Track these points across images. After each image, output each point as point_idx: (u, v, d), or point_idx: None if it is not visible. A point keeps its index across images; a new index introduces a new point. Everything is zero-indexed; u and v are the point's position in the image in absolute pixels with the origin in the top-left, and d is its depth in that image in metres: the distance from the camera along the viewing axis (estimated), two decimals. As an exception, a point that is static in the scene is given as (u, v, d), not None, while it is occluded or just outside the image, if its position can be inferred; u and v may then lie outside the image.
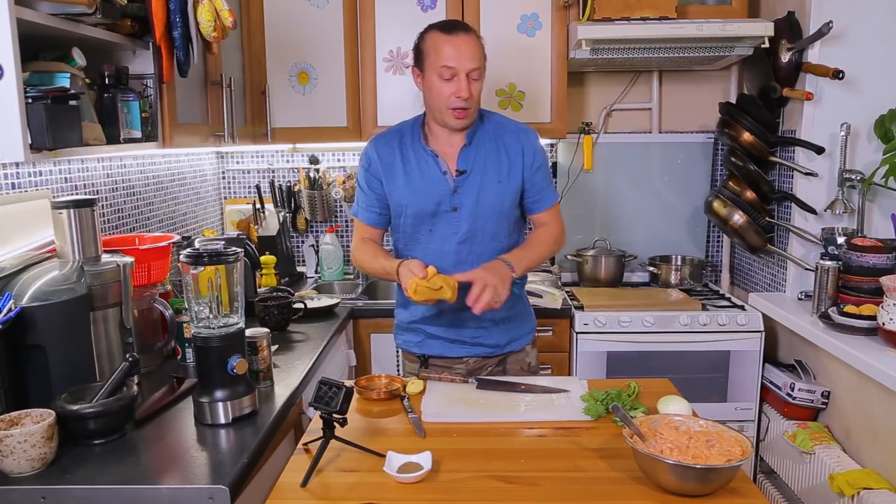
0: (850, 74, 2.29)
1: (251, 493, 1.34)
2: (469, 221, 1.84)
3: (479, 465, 1.31)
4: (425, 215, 1.85)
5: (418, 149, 1.86)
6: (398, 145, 1.88)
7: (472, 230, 1.84)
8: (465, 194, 1.83)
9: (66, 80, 1.54)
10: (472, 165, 1.83)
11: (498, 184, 1.83)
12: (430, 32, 1.80)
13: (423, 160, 1.85)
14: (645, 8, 2.51)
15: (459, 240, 1.85)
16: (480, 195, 1.83)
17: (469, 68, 1.74)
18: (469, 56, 1.75)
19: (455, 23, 1.81)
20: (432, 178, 1.84)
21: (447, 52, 1.74)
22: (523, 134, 1.89)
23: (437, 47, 1.76)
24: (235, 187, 3.23)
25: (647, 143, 3.07)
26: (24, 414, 1.33)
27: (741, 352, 2.51)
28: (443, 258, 1.84)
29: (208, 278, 1.43)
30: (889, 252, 2.16)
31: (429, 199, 1.84)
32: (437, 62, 1.75)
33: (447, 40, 1.75)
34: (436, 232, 1.86)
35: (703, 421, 1.31)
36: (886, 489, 1.82)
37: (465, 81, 1.74)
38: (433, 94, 1.79)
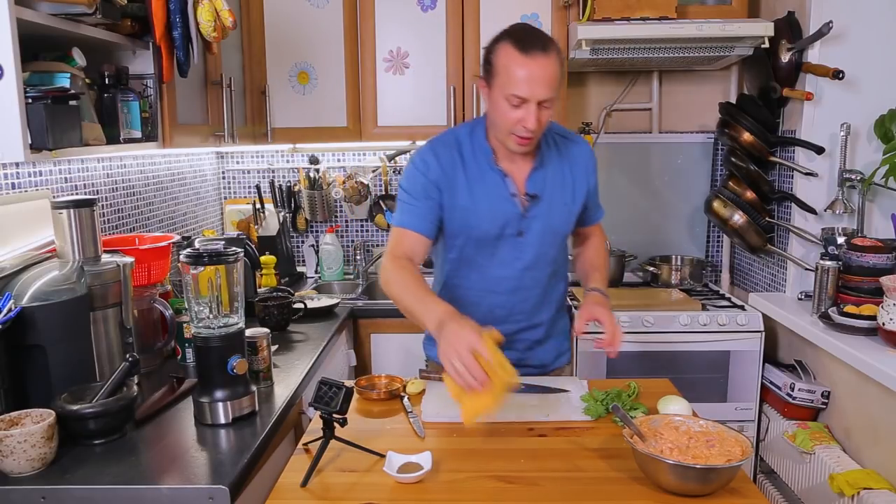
0: (850, 74, 2.29)
1: (251, 493, 1.34)
2: (535, 247, 1.71)
3: (479, 465, 1.30)
4: (489, 238, 1.69)
5: (483, 165, 1.67)
6: (459, 157, 1.68)
7: (537, 256, 1.72)
8: (534, 218, 1.68)
9: (66, 80, 1.55)
10: (541, 188, 1.68)
11: (564, 206, 1.72)
12: (503, 45, 1.55)
13: (490, 178, 1.67)
14: (645, 8, 2.51)
15: (524, 266, 1.72)
16: (549, 220, 1.70)
17: (542, 98, 1.52)
18: (544, 83, 1.51)
19: (533, 37, 1.54)
20: (500, 199, 1.67)
21: (519, 77, 1.51)
22: (583, 146, 1.77)
23: (508, 69, 1.53)
24: (235, 187, 3.23)
25: (647, 144, 3.07)
26: (24, 414, 1.33)
27: (741, 352, 2.51)
28: (501, 284, 1.73)
29: (208, 278, 1.43)
30: (889, 252, 2.16)
31: (495, 221, 1.67)
32: (506, 86, 1.53)
33: (521, 63, 1.51)
34: (497, 256, 1.71)
35: (703, 421, 1.31)
36: (886, 489, 1.82)
37: (534, 111, 1.53)
38: (498, 116, 1.59)
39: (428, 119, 2.78)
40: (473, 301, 1.76)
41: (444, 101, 2.77)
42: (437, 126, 2.78)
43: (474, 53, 2.74)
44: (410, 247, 1.65)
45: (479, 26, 2.72)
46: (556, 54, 1.54)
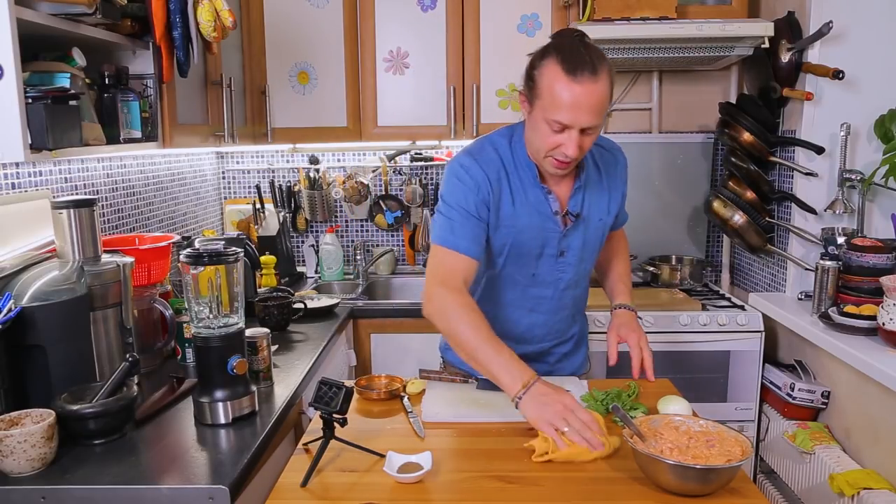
0: (850, 74, 2.29)
1: (251, 493, 1.34)
2: (575, 266, 1.65)
3: (479, 465, 1.30)
4: (530, 258, 1.62)
5: (526, 181, 1.58)
6: (504, 173, 1.57)
7: (577, 273, 1.67)
8: (573, 237, 1.62)
9: (66, 80, 1.55)
10: (582, 207, 1.61)
11: (600, 221, 1.66)
12: (549, 63, 1.42)
13: (534, 196, 1.58)
14: (645, 8, 2.51)
15: (565, 286, 1.67)
16: (586, 237, 1.64)
17: (586, 125, 1.42)
18: (590, 110, 1.40)
19: (583, 57, 1.40)
20: (543, 217, 1.58)
21: (564, 102, 1.39)
22: (618, 157, 1.70)
23: (552, 91, 1.41)
24: (235, 187, 3.23)
25: (647, 143, 3.06)
26: (24, 414, 1.33)
27: (741, 352, 2.51)
28: (542, 304, 1.68)
29: (208, 278, 1.43)
30: (889, 252, 2.16)
31: (536, 240, 1.60)
32: (549, 110, 1.42)
33: (567, 86, 1.39)
34: (539, 276, 1.64)
35: (703, 421, 1.31)
36: (886, 489, 1.82)
37: (575, 138, 1.43)
38: (536, 138, 1.49)
39: (428, 119, 2.78)
40: (511, 318, 1.70)
41: (444, 101, 2.77)
42: (437, 126, 2.78)
43: (474, 53, 2.74)
44: (465, 273, 1.52)
45: (479, 26, 2.72)
46: (606, 76, 1.41)
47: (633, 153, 3.03)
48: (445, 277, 1.51)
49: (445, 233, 1.54)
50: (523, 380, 1.36)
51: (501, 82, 2.75)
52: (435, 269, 1.54)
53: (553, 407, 1.32)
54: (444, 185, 1.59)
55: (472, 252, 1.53)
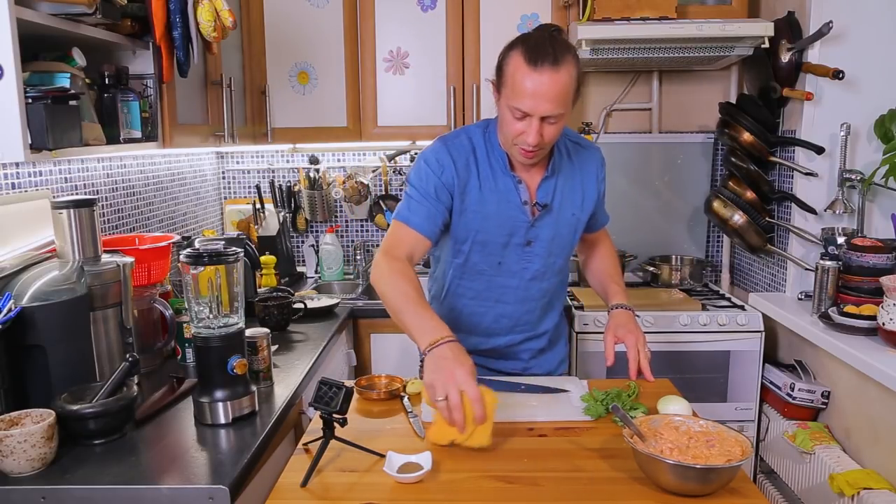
0: (850, 74, 2.29)
1: (251, 493, 1.34)
2: (543, 257, 1.68)
3: (479, 465, 1.30)
4: (496, 246, 1.65)
5: (497, 170, 1.62)
6: (474, 160, 1.62)
7: (545, 266, 1.69)
8: (542, 228, 1.65)
9: (66, 80, 1.55)
10: (551, 197, 1.64)
11: (573, 216, 1.69)
12: (514, 52, 1.49)
13: (503, 184, 1.62)
14: (645, 8, 2.51)
15: (531, 276, 1.69)
16: (557, 229, 1.67)
17: (545, 114, 1.46)
18: (549, 99, 1.44)
19: (546, 48, 1.44)
20: (511, 206, 1.62)
21: (524, 90, 1.44)
22: (595, 154, 1.73)
23: (514, 79, 1.46)
24: (235, 187, 3.23)
25: (647, 143, 3.06)
26: (24, 414, 1.33)
27: (741, 352, 2.51)
28: (508, 294, 1.70)
29: (208, 278, 1.43)
30: (889, 252, 2.16)
31: (503, 229, 1.63)
32: (511, 97, 1.47)
33: (527, 75, 1.44)
34: (505, 266, 1.67)
35: (703, 421, 1.31)
36: (886, 489, 1.82)
37: (536, 126, 1.47)
38: (503, 125, 1.55)
39: (428, 119, 2.78)
40: (478, 311, 1.74)
41: (444, 101, 2.77)
42: (437, 126, 2.78)
43: (474, 53, 2.74)
44: (411, 246, 1.57)
45: (479, 26, 2.72)
46: (568, 67, 1.45)
47: (633, 153, 3.06)
48: (390, 248, 1.57)
49: (402, 209, 1.62)
50: (433, 337, 1.34)
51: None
52: (385, 240, 1.61)
53: (443, 374, 1.28)
54: (413, 168, 1.66)
55: (422, 229, 1.58)
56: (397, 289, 1.47)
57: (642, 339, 1.60)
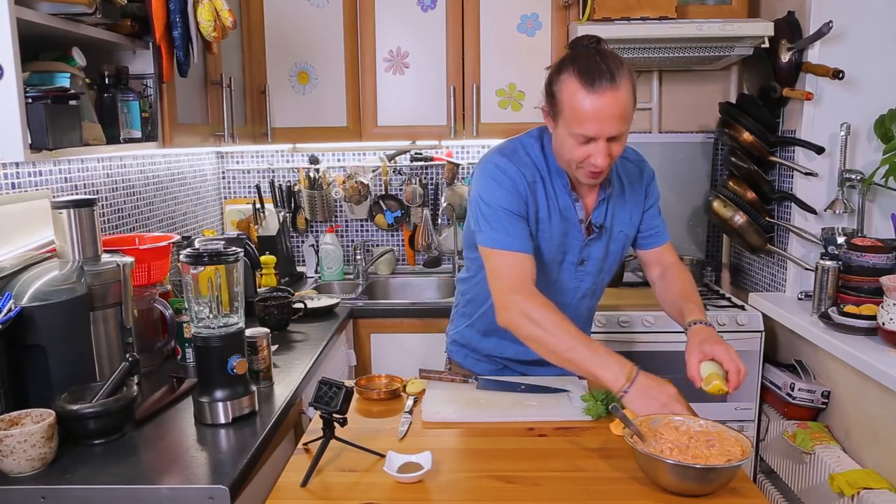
0: (850, 74, 2.29)
1: (251, 493, 1.34)
2: (594, 276, 1.65)
3: (479, 465, 1.30)
4: (553, 264, 1.60)
5: (559, 188, 1.57)
6: (538, 175, 1.56)
7: (594, 284, 1.67)
8: (594, 247, 1.62)
9: (66, 80, 1.55)
10: (606, 219, 1.61)
11: (620, 233, 1.64)
12: (567, 78, 1.41)
13: (564, 202, 1.57)
14: (645, 8, 2.51)
15: (582, 294, 1.66)
16: (608, 248, 1.63)
17: (612, 134, 1.41)
18: (614, 119, 1.39)
19: (599, 68, 1.38)
20: (570, 224, 1.58)
21: (587, 115, 1.38)
22: (645, 168, 1.70)
23: (573, 105, 1.40)
24: (235, 187, 3.23)
25: (647, 143, 3.06)
26: (24, 414, 1.33)
27: (741, 352, 2.45)
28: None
29: (208, 278, 1.43)
30: (889, 252, 2.16)
31: (559, 247, 1.59)
32: (573, 125, 1.41)
33: (588, 99, 1.38)
34: (559, 284, 1.63)
35: (703, 421, 1.31)
36: (886, 489, 1.82)
37: (603, 148, 1.42)
38: (564, 151, 1.48)
39: (428, 119, 2.78)
40: None
41: (444, 101, 2.77)
42: (437, 126, 2.78)
43: (474, 53, 2.74)
44: (531, 273, 1.50)
45: (478, 26, 2.72)
46: (626, 81, 1.39)
47: (633, 153, 3.06)
48: (516, 282, 1.48)
49: (499, 235, 1.50)
50: (626, 373, 1.37)
51: (501, 82, 2.75)
52: (501, 274, 1.50)
53: (659, 400, 1.35)
54: (481, 187, 1.54)
55: (530, 250, 1.51)
56: (559, 328, 1.42)
57: (733, 350, 1.45)
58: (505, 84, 2.75)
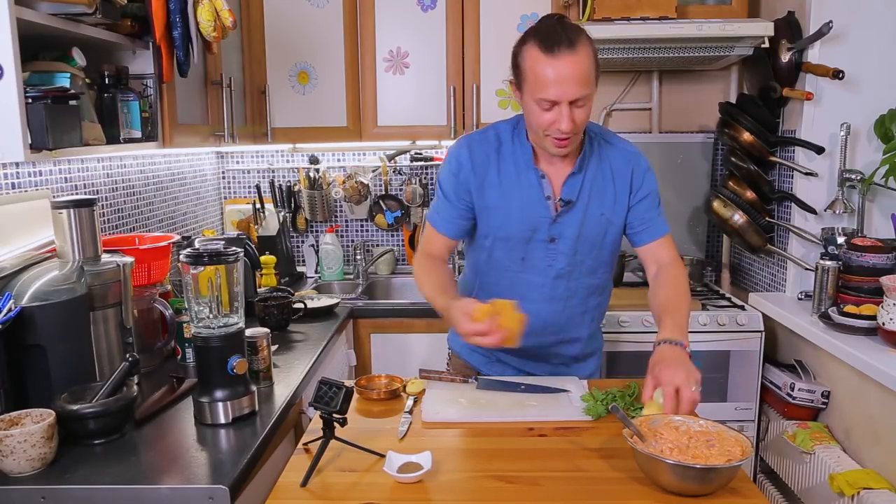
0: (850, 74, 2.29)
1: (251, 493, 1.34)
2: (568, 256, 1.65)
3: (479, 465, 1.30)
4: (518, 241, 1.64)
5: (521, 164, 1.62)
6: (496, 154, 1.63)
7: (571, 265, 1.66)
8: (566, 225, 1.63)
9: (66, 80, 1.55)
10: (577, 195, 1.61)
11: (601, 216, 1.64)
12: (528, 46, 1.49)
13: (526, 179, 1.62)
14: (645, 8, 2.51)
15: (556, 274, 1.66)
16: (583, 228, 1.63)
17: (573, 97, 1.46)
18: (573, 82, 1.44)
19: (558, 34, 1.45)
20: (533, 201, 1.61)
21: (546, 79, 1.45)
22: (633, 158, 1.67)
23: (535, 71, 1.46)
24: (235, 187, 3.23)
25: (647, 143, 3.06)
26: (24, 414, 1.33)
27: (741, 352, 2.51)
28: (533, 291, 1.67)
29: (208, 278, 1.43)
30: (889, 252, 2.16)
31: (525, 224, 1.63)
32: (535, 90, 1.47)
33: (547, 63, 1.44)
34: (529, 262, 1.66)
35: (703, 421, 1.31)
36: (886, 489, 1.82)
37: (566, 112, 1.47)
38: (531, 119, 1.54)
39: (428, 119, 2.78)
40: None
41: (444, 101, 2.77)
42: (437, 126, 2.79)
43: (474, 53, 2.74)
44: (439, 248, 1.71)
45: (479, 26, 2.72)
46: (584, 47, 1.46)
47: (633, 153, 3.06)
48: (425, 248, 1.73)
49: (433, 212, 1.73)
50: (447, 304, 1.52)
51: (501, 82, 2.75)
52: (422, 240, 1.77)
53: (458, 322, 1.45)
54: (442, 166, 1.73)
55: (446, 231, 1.70)
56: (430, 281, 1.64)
57: (683, 376, 1.36)
58: (505, 84, 2.75)
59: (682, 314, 1.55)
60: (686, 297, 1.61)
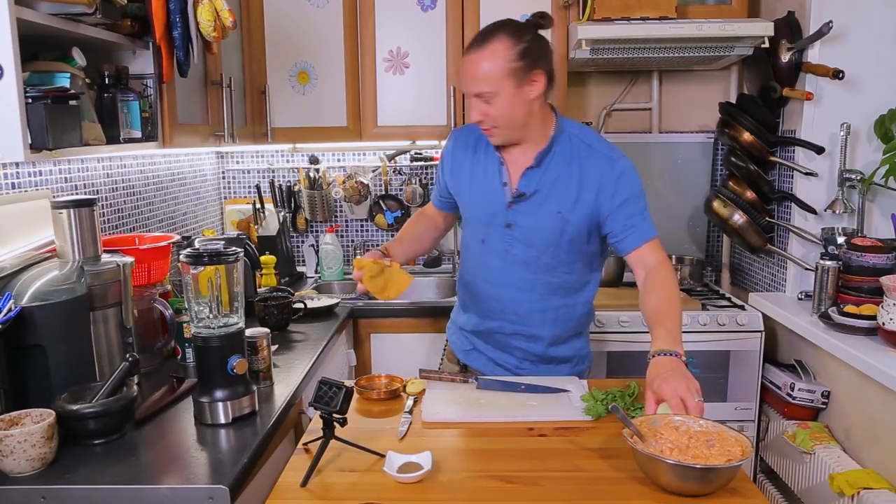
0: (850, 74, 2.29)
1: (251, 493, 1.34)
2: (524, 246, 1.70)
3: (479, 465, 1.31)
4: (480, 223, 1.76)
5: (489, 151, 1.73)
6: (475, 142, 1.77)
7: (528, 257, 1.71)
8: (522, 214, 1.69)
9: (66, 80, 1.54)
10: (534, 189, 1.67)
11: (557, 214, 1.66)
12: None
13: (490, 164, 1.73)
14: (645, 8, 2.51)
15: (514, 260, 1.72)
16: (539, 223, 1.68)
17: (473, 92, 1.59)
18: (473, 78, 1.58)
19: (479, 34, 1.63)
20: (491, 185, 1.71)
21: (460, 73, 1.69)
22: (608, 163, 1.65)
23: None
24: (235, 187, 3.23)
25: (647, 143, 3.06)
26: (24, 414, 1.33)
27: (741, 352, 2.51)
28: (492, 274, 1.75)
29: (208, 278, 1.43)
30: (889, 252, 2.16)
31: (484, 207, 1.73)
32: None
33: (463, 59, 1.63)
34: (489, 244, 1.74)
35: (703, 421, 1.31)
36: (886, 489, 1.82)
37: (475, 105, 1.60)
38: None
39: (428, 119, 2.78)
40: (473, 288, 1.84)
41: (444, 101, 2.77)
42: (437, 126, 2.78)
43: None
44: (430, 211, 1.98)
45: (478, 26, 2.71)
46: (494, 46, 1.56)
47: (633, 153, 3.02)
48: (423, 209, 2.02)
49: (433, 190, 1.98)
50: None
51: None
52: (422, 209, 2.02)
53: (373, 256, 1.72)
54: None
55: (434, 202, 1.96)
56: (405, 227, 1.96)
57: (684, 386, 1.34)
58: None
59: (674, 321, 1.52)
60: (675, 301, 1.57)
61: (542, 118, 1.66)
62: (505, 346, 1.82)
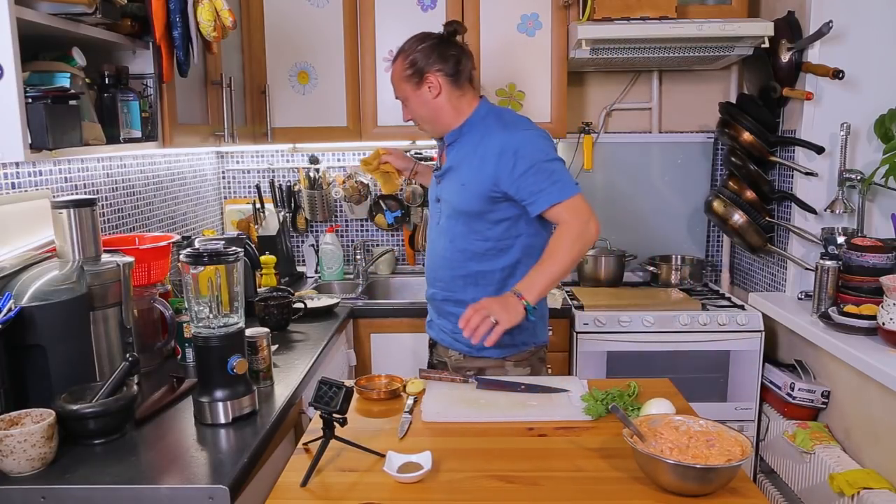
0: (850, 74, 2.29)
1: (251, 493, 1.34)
2: (446, 218, 1.90)
3: (479, 465, 1.31)
4: (432, 200, 1.98)
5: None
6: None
7: (448, 227, 1.89)
8: (444, 190, 1.90)
9: (66, 80, 1.54)
10: (449, 165, 1.89)
11: (462, 185, 1.82)
12: None
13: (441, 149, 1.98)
14: (645, 8, 2.51)
15: (440, 231, 1.91)
16: (451, 196, 1.87)
17: (395, 95, 1.90)
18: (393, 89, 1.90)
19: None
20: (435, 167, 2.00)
21: None
22: (506, 138, 1.76)
23: None
24: (235, 187, 3.23)
25: (647, 143, 3.06)
26: (24, 414, 1.33)
27: (741, 352, 2.51)
28: (430, 247, 1.96)
29: (208, 278, 1.43)
30: (889, 252, 2.16)
31: (432, 186, 1.99)
32: None
33: None
34: (432, 219, 1.97)
35: (703, 421, 1.31)
36: (886, 489, 1.82)
37: (402, 105, 1.92)
38: None
39: (428, 119, 2.78)
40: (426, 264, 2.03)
41: (444, 100, 2.76)
42: (437, 126, 2.78)
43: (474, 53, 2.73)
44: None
45: (479, 26, 2.72)
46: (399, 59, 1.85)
47: (633, 153, 3.07)
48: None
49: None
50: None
51: (501, 82, 2.75)
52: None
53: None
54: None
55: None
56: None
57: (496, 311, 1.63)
58: (505, 84, 2.75)
59: (544, 271, 1.71)
60: (558, 254, 1.71)
61: (456, 109, 1.85)
62: (441, 311, 1.96)
